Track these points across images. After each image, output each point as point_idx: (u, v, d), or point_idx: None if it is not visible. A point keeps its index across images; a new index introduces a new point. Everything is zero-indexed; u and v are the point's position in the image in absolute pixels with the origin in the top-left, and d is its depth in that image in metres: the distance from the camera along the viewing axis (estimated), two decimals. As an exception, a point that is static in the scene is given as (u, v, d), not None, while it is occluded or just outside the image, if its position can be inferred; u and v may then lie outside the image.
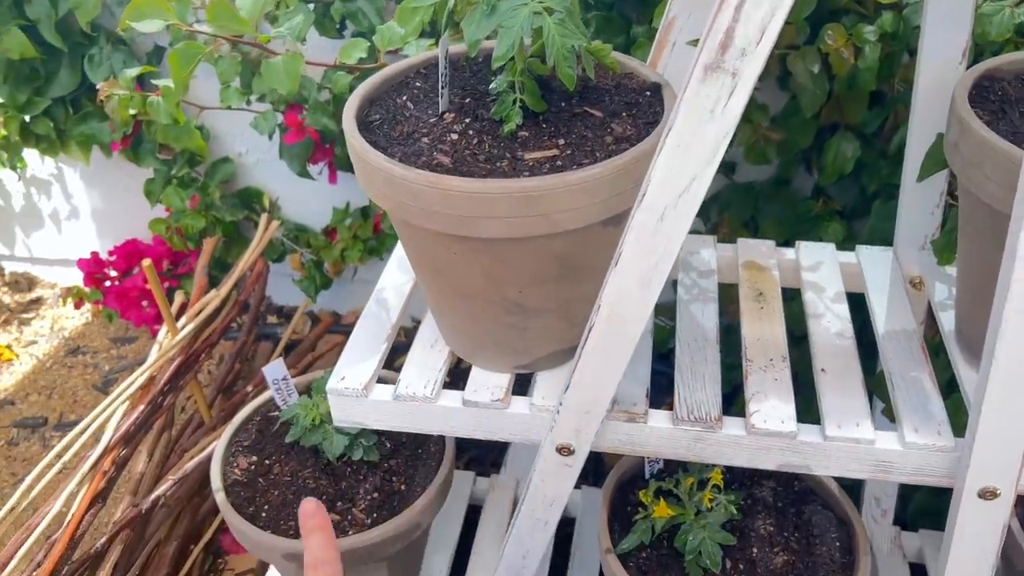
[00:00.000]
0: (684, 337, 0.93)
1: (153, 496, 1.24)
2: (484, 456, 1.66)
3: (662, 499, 0.96)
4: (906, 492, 1.32)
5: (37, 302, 2.04)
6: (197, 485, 1.39)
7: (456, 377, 0.92)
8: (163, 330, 1.31)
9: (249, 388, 1.48)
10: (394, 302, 0.99)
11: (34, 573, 1.05)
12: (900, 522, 1.32)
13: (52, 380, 1.81)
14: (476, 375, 0.89)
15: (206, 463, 1.32)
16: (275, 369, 1.14)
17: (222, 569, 1.46)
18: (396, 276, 1.04)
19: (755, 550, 1.00)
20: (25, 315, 1.99)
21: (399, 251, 1.07)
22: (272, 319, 1.96)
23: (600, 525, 1.01)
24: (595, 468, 1.57)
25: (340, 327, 1.90)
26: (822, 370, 0.87)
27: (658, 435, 0.83)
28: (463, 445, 1.65)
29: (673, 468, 1.04)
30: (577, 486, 1.39)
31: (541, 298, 0.80)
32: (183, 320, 1.32)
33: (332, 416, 0.91)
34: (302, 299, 1.83)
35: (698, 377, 0.87)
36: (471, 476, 1.41)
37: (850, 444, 0.80)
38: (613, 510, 1.04)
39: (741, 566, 0.98)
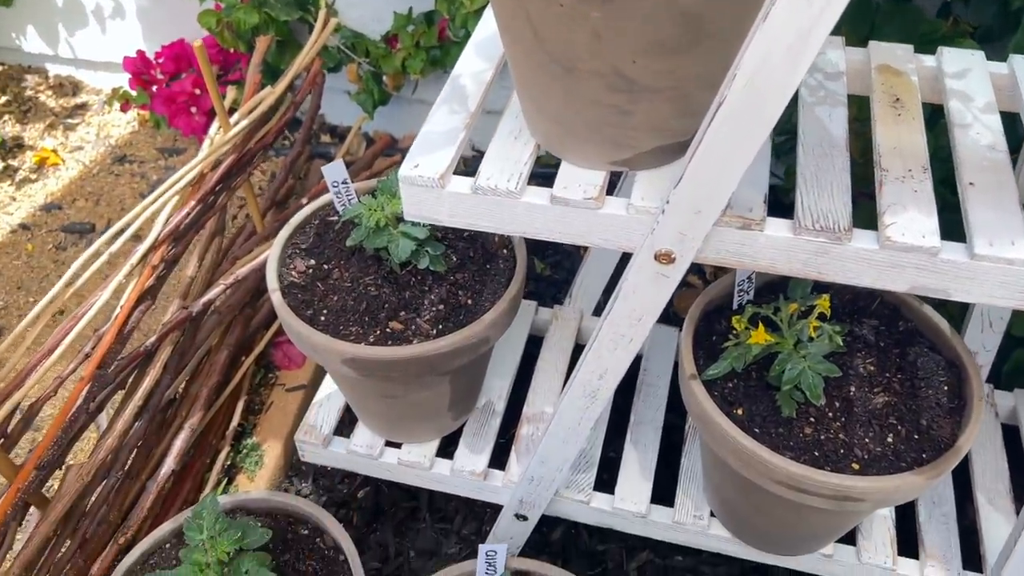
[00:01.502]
0: (808, 142, 0.81)
1: (204, 299, 1.18)
2: (542, 292, 1.58)
3: (761, 324, 0.87)
4: (1004, 347, 1.22)
5: (82, 108, 1.95)
6: (249, 295, 1.33)
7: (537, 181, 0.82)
8: (215, 126, 1.22)
9: (304, 200, 1.40)
10: (472, 89, 0.87)
11: (81, 365, 1.01)
12: (994, 380, 1.23)
13: (99, 187, 1.75)
14: (566, 171, 0.78)
15: (260, 270, 1.26)
16: (335, 170, 1.05)
17: (273, 383, 1.42)
18: (475, 63, 0.91)
19: (853, 389, 0.91)
20: (71, 120, 1.91)
21: (479, 35, 0.94)
22: (325, 138, 1.86)
23: (684, 350, 0.92)
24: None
25: (396, 150, 1.79)
26: (970, 184, 0.75)
27: (774, 245, 0.73)
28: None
29: (764, 300, 0.94)
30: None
31: (655, 73, 0.68)
32: (236, 116, 1.22)
33: (403, 209, 0.81)
34: (356, 118, 1.72)
35: (824, 185, 0.76)
36: (533, 305, 1.33)
37: (1002, 265, 0.68)
38: (696, 339, 0.96)
39: (837, 404, 0.90)
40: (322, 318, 0.99)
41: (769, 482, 0.85)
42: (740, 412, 0.89)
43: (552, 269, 1.61)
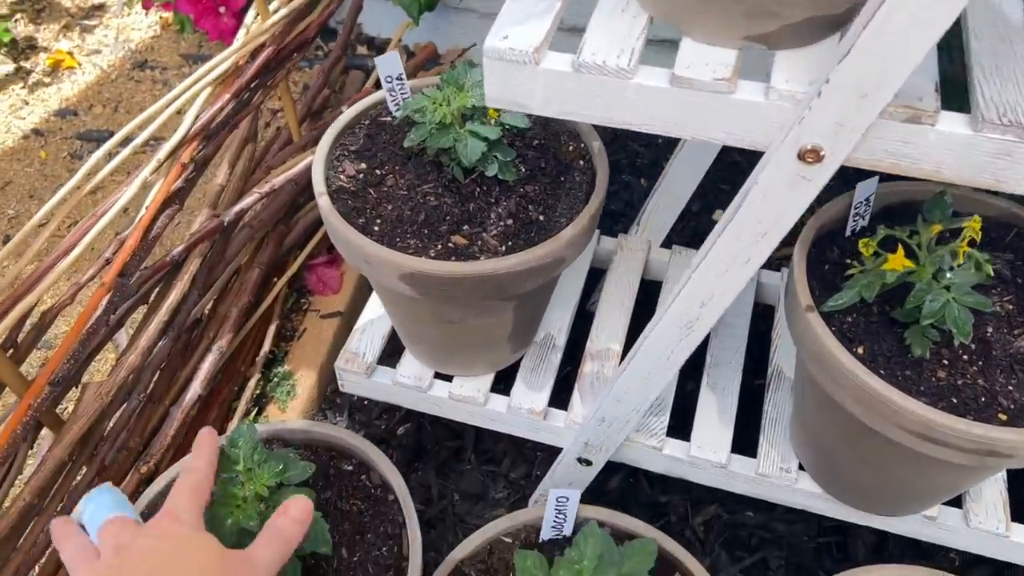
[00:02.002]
0: (978, 27, 0.67)
1: (236, 208, 1.06)
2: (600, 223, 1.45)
3: (900, 248, 0.74)
4: None
5: (100, 8, 1.80)
6: (283, 210, 1.21)
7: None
8: (251, 14, 1.08)
9: (343, 108, 1.26)
10: (568, -44, 0.73)
11: (102, 272, 0.89)
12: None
13: (118, 93, 1.62)
14: (689, 49, 0.65)
15: (296, 181, 1.13)
16: (390, 63, 0.92)
17: (306, 309, 1.31)
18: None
19: (990, 329, 0.79)
20: (87, 22, 1.77)
21: None
22: (361, 50, 1.71)
23: (797, 278, 0.80)
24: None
25: (440, 63, 1.64)
26: None
27: (946, 144, 0.60)
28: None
29: (875, 228, 0.81)
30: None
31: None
32: (275, 3, 1.08)
33: (485, 91, 0.68)
34: (397, 27, 1.57)
35: (1007, 74, 0.62)
36: (595, 234, 1.21)
37: None
38: (808, 267, 0.83)
39: (973, 346, 0.77)
40: (376, 228, 0.86)
41: (895, 430, 0.73)
42: (861, 351, 0.77)
43: (607, 198, 1.48)
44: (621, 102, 0.65)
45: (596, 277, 1.22)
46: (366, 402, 1.25)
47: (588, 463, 1.00)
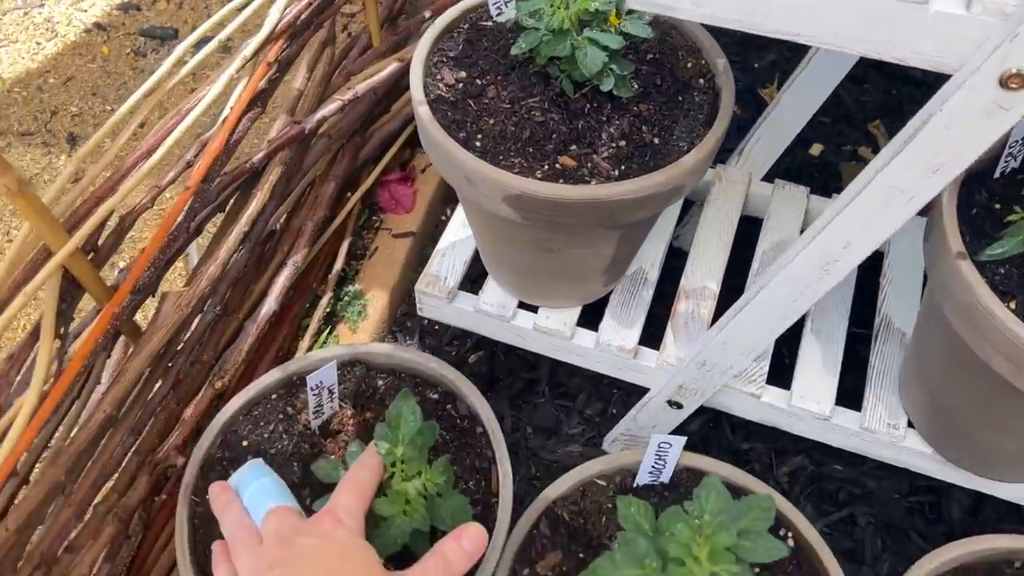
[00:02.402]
0: None
1: (318, 116, 1.00)
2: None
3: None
4: None
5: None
6: (360, 120, 1.14)
7: None
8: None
9: (426, 14, 1.18)
10: None
11: (183, 175, 0.84)
12: None
13: (182, -11, 1.54)
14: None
15: (377, 89, 1.06)
16: (494, -39, 0.83)
17: (378, 227, 1.25)
18: None
19: None
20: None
21: None
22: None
23: (948, 223, 0.72)
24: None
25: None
26: None
27: None
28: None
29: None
30: (824, 191, 1.11)
31: None
32: None
33: (630, -10, 0.60)
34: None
35: None
36: (689, 162, 1.12)
37: None
38: (958, 211, 0.75)
39: None
40: (477, 144, 0.80)
41: (1051, 397, 0.66)
42: (1013, 306, 0.70)
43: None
44: (786, 8, 0.57)
45: (687, 209, 1.15)
46: (437, 327, 1.20)
47: (679, 406, 0.95)
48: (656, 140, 0.81)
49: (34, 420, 0.66)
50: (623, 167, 0.78)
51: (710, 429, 1.11)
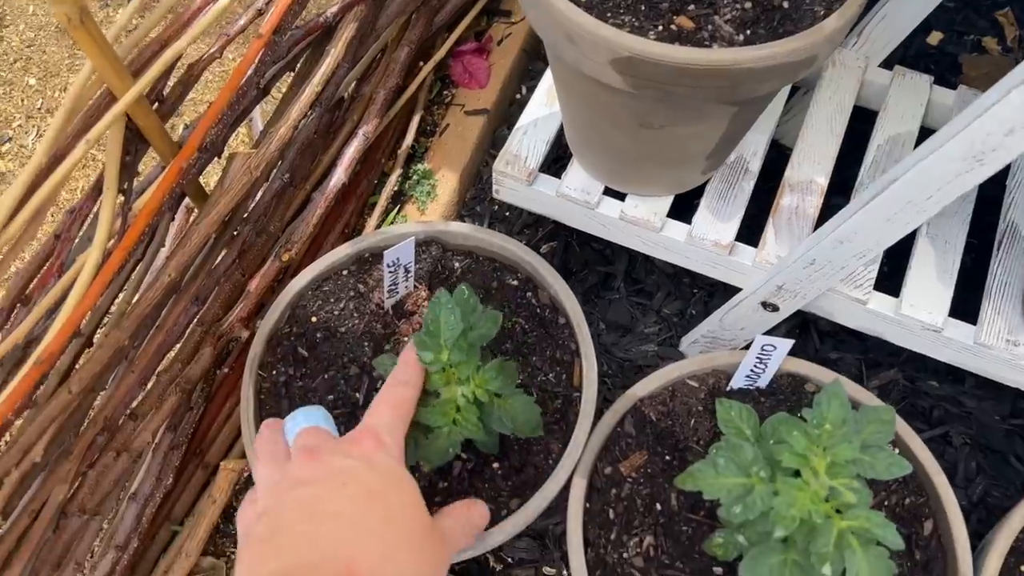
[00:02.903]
0: None
1: (396, -31, 0.90)
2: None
3: None
4: None
5: None
6: (438, -19, 1.04)
7: None
8: None
9: None
10: None
11: (255, 23, 0.76)
12: None
13: None
14: None
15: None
16: None
17: (449, 102, 1.17)
18: None
19: None
20: None
21: None
22: None
23: None
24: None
25: None
26: None
27: None
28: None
29: None
30: (950, 84, 0.99)
31: None
32: None
33: None
34: None
35: None
36: (798, 44, 1.01)
37: None
38: None
39: None
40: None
41: None
42: None
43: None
44: None
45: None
46: (508, 212, 1.13)
47: (774, 308, 0.88)
48: (786, 3, 0.71)
49: (98, 278, 0.61)
50: (748, 31, 0.69)
51: (797, 336, 1.04)
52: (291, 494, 0.48)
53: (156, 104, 0.68)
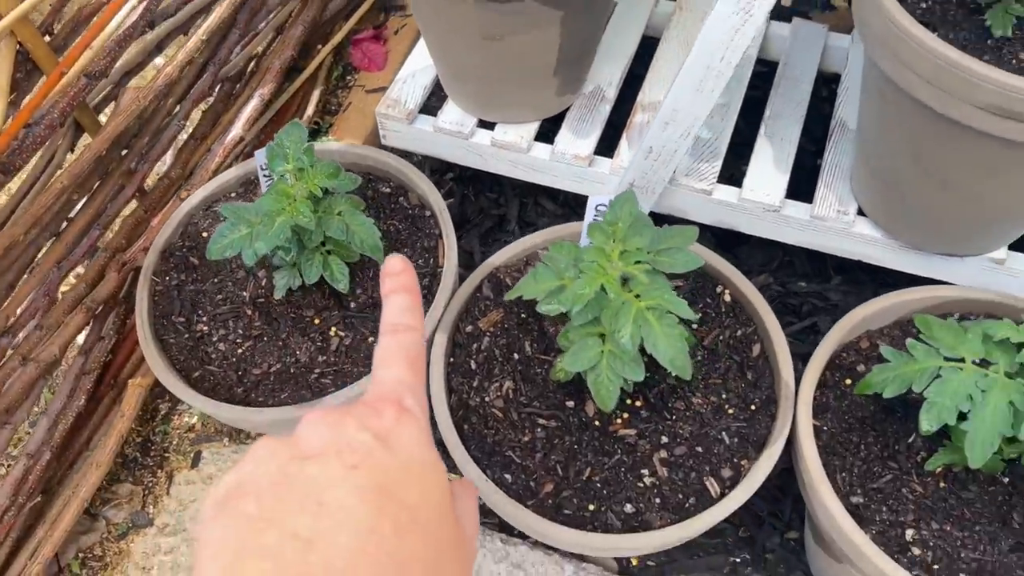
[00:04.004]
0: None
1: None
2: None
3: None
4: None
5: None
6: (327, -32, 1.17)
7: None
8: None
9: None
10: None
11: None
12: None
13: None
14: None
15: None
16: None
17: (352, 85, 1.28)
18: None
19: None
20: None
21: None
22: None
23: None
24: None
25: None
26: None
27: None
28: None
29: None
30: (786, 18, 1.11)
31: None
32: None
33: None
34: None
35: None
36: (654, -2, 1.14)
37: None
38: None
39: (1064, 32, 0.70)
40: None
41: (970, 111, 0.67)
42: (936, 34, 0.70)
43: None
44: None
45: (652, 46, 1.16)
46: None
47: (633, 210, 0.97)
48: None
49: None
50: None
51: (676, 257, 1.12)
52: (293, 466, 0.35)
53: (48, 37, 0.78)
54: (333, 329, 0.81)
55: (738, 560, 0.90)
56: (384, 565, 0.32)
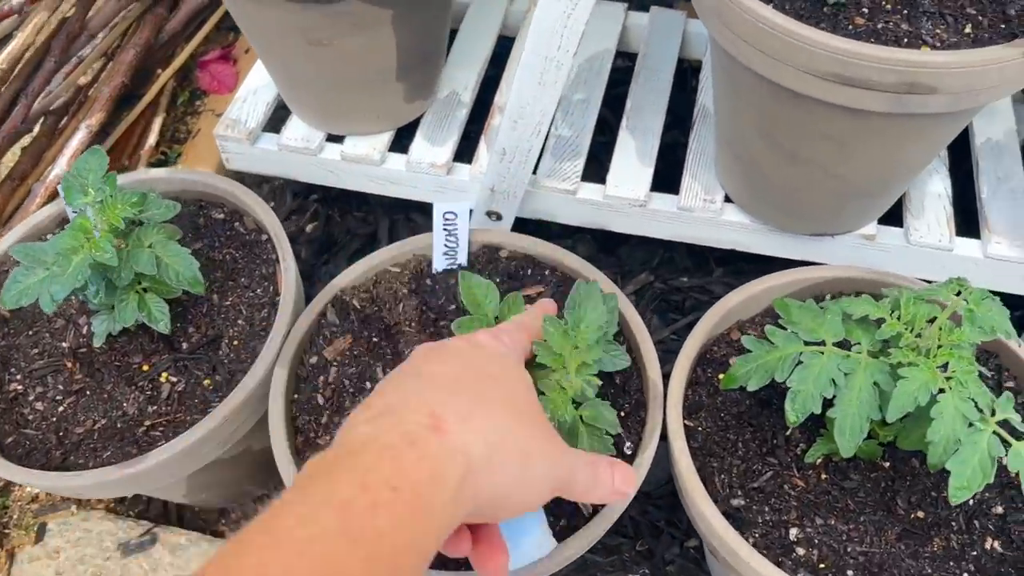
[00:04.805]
0: None
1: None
2: None
3: None
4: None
5: None
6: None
7: None
8: None
9: None
10: None
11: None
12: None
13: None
14: None
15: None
16: None
17: (201, 110, 1.20)
18: None
19: (919, -20, 0.69)
20: None
21: None
22: None
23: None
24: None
25: None
26: None
27: None
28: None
29: None
30: (644, 7, 1.09)
31: None
32: None
33: None
34: None
35: None
36: (507, -2, 1.10)
37: None
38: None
39: (898, -6, 0.68)
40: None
41: (807, 80, 0.64)
42: (771, 7, 0.67)
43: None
44: None
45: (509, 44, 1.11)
46: (272, 204, 1.15)
47: (498, 217, 0.92)
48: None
49: None
50: (374, -67, 0.75)
51: (554, 262, 1.07)
52: (403, 367, 0.51)
53: None
54: (164, 375, 0.73)
55: (637, 576, 0.85)
56: (468, 396, 0.47)
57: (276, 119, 0.99)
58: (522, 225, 0.91)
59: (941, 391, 0.55)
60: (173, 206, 0.72)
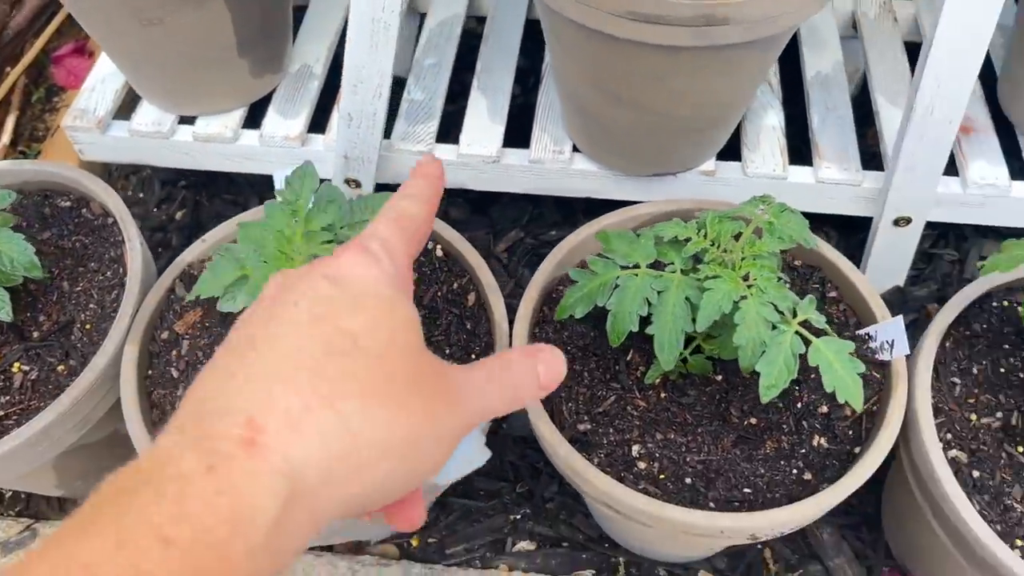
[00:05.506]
0: None
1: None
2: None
3: None
4: None
5: None
6: (-4, -18, 1.07)
7: None
8: None
9: None
10: None
11: None
12: None
13: None
14: None
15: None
16: None
17: (60, 107, 1.18)
18: None
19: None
20: None
21: None
22: None
23: None
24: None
25: None
26: None
27: None
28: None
29: None
30: None
31: None
32: None
33: None
34: None
35: None
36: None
37: None
38: None
39: None
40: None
41: (619, 23, 0.66)
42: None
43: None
44: None
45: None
46: (141, 195, 1.14)
47: (357, 184, 0.93)
48: None
49: None
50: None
51: (428, 228, 1.09)
52: (246, 314, 0.38)
53: None
54: (16, 364, 0.72)
55: (518, 516, 0.88)
56: (302, 391, 0.34)
57: (130, 106, 0.98)
58: (386, 191, 0.93)
59: (744, 298, 0.58)
60: (8, 194, 0.72)
